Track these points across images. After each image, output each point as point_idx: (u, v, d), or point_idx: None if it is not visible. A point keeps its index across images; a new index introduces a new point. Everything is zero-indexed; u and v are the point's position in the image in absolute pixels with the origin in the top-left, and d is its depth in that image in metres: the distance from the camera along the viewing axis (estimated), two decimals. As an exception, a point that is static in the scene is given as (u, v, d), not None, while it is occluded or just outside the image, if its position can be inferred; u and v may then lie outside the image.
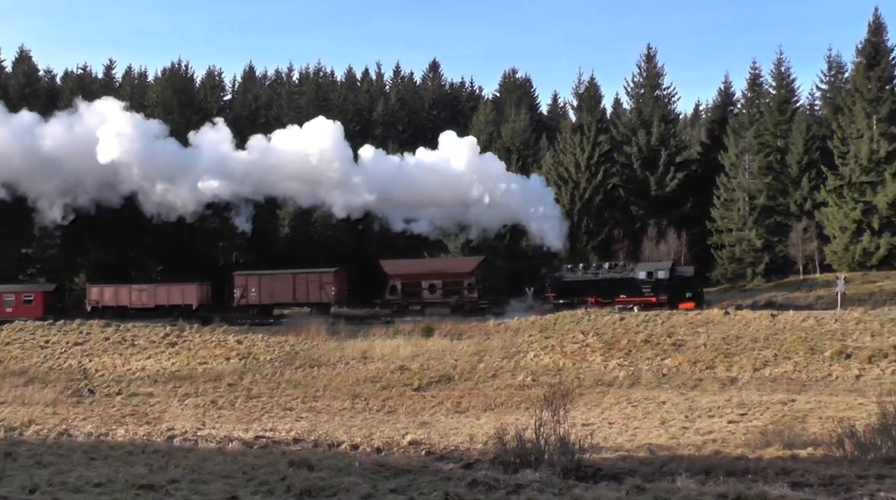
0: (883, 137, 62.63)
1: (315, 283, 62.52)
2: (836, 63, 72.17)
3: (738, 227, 65.18)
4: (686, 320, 47.74)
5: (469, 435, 27.28)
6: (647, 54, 77.35)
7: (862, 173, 62.10)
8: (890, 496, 13.44)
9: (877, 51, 65.54)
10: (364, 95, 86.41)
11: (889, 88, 65.12)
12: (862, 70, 65.56)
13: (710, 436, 26.24)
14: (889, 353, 37.81)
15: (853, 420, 22.18)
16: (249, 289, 63.41)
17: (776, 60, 72.05)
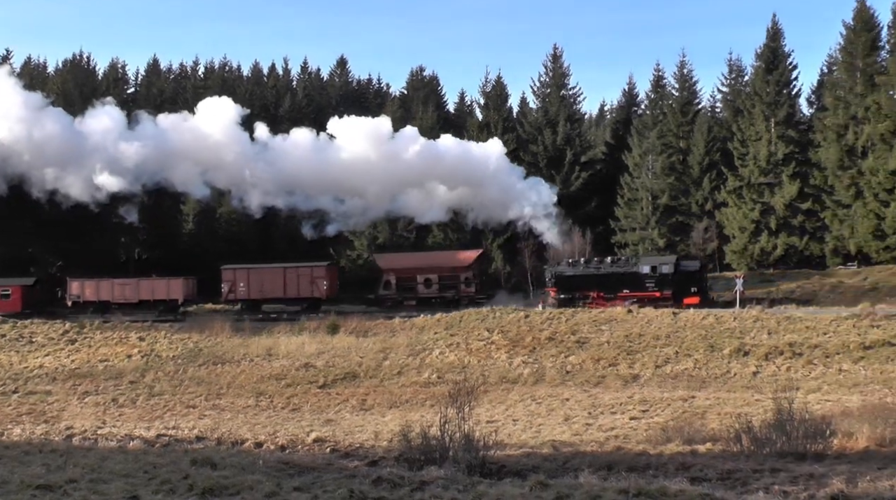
0: (780, 140, 64.16)
1: (306, 277, 61.11)
2: (736, 66, 73.71)
3: (642, 226, 66.10)
4: (590, 317, 48.28)
5: (374, 433, 27.25)
6: (554, 54, 78.11)
7: (760, 175, 63.50)
8: (783, 489, 13.76)
9: (775, 55, 67.08)
10: (271, 91, 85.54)
11: (786, 91, 66.72)
12: (761, 74, 67.04)
13: (613, 432, 26.58)
14: (784, 350, 38.70)
15: (750, 416, 22.64)
16: (238, 283, 61.91)
17: (679, 63, 73.25)
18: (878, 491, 12.89)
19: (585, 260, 57.33)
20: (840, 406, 28.04)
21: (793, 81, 67.92)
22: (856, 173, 61.02)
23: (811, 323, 42.27)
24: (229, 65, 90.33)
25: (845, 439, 21.17)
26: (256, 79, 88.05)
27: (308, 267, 61.69)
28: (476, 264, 61.38)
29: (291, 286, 61.07)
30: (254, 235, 71.31)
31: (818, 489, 13.59)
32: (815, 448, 19.46)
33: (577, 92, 78.73)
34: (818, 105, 69.06)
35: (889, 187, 59.62)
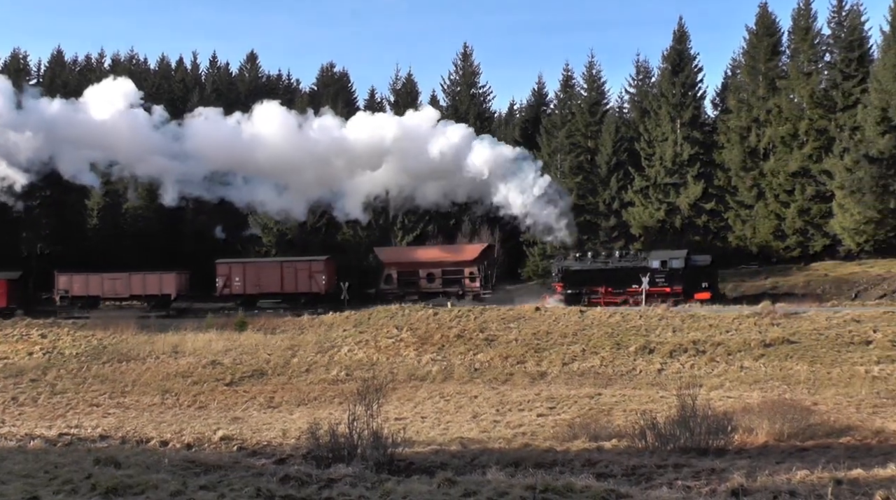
0: (686, 141, 65.35)
1: (304, 271, 60.15)
2: (643, 68, 74.55)
3: (550, 224, 66.71)
4: (498, 315, 48.57)
5: (282, 430, 27.10)
6: (464, 52, 78.49)
7: (666, 175, 64.55)
8: (686, 484, 14.01)
9: (681, 58, 68.26)
10: (178, 85, 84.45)
11: (692, 93, 67.95)
12: (667, 76, 68.18)
13: (520, 429, 26.75)
14: (688, 348, 39.38)
15: (655, 413, 23.00)
16: (233, 278, 60.78)
17: (588, 63, 74.08)
18: (776, 485, 13.20)
19: (593, 254, 56.27)
20: (741, 403, 28.62)
21: (698, 84, 69.20)
22: (757, 175, 62.50)
23: (714, 321, 43.08)
24: (136, 57, 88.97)
25: (746, 434, 21.66)
26: (164, 72, 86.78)
27: (306, 261, 60.92)
28: (481, 258, 60.09)
29: (289, 281, 60.04)
30: (161, 232, 70.23)
31: (719, 483, 13.86)
32: (717, 444, 19.87)
33: (486, 90, 79.23)
34: (722, 107, 70.38)
35: (789, 189, 61.19)
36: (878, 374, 33.41)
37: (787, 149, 62.15)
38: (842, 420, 25.01)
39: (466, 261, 59.55)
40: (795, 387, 32.77)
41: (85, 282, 61.43)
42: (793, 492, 12.47)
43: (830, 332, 39.09)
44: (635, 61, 77.31)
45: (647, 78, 73.68)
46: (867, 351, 36.30)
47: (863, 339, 37.67)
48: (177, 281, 61.27)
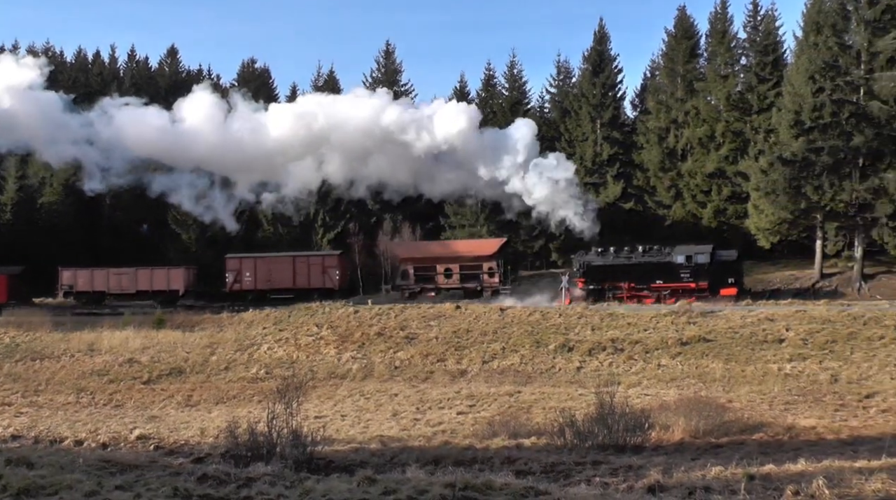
0: (605, 141, 66.11)
1: (317, 266, 59.04)
2: (564, 68, 75.00)
3: (471, 223, 66.72)
4: (419, 313, 48.59)
5: (200, 429, 26.87)
6: (386, 50, 78.19)
7: (587, 174, 65.06)
8: (604, 481, 14.17)
9: (601, 58, 68.99)
10: (96, 78, 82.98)
11: (612, 94, 68.72)
12: (588, 76, 68.85)
13: (440, 427, 26.84)
14: (607, 346, 39.80)
15: (573, 410, 23.20)
16: (244, 273, 59.47)
17: (509, 62, 74.50)
18: (691, 481, 13.42)
19: (615, 249, 54.18)
20: (658, 400, 29.03)
21: (618, 85, 70.02)
22: (675, 175, 63.38)
23: (633, 320, 43.57)
24: (52, 50, 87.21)
25: (662, 431, 21.99)
26: (81, 65, 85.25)
27: (319, 256, 60.14)
28: (499, 254, 58.46)
29: (301, 276, 59.00)
30: (77, 227, 68.91)
31: (636, 480, 14.04)
32: (635, 441, 20.15)
33: (408, 89, 79.00)
34: (641, 108, 71.29)
35: (706, 189, 62.16)
36: (790, 371, 34.14)
37: (704, 150, 63.14)
38: (755, 417, 25.51)
39: (485, 256, 58.11)
40: (711, 385, 33.32)
41: (90, 277, 60.34)
42: (707, 488, 12.68)
43: (745, 330, 39.77)
44: (556, 61, 78.12)
45: (568, 78, 74.19)
46: (780, 349, 37.03)
47: (776, 337, 38.40)
48: (185, 276, 60.28)
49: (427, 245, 61.69)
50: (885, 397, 29.13)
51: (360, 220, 68.17)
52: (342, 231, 67.51)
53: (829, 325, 38.99)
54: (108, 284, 60.31)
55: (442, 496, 11.75)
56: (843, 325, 38.74)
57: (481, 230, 65.23)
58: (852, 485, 11.82)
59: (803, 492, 11.58)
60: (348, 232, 66.69)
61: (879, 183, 52.77)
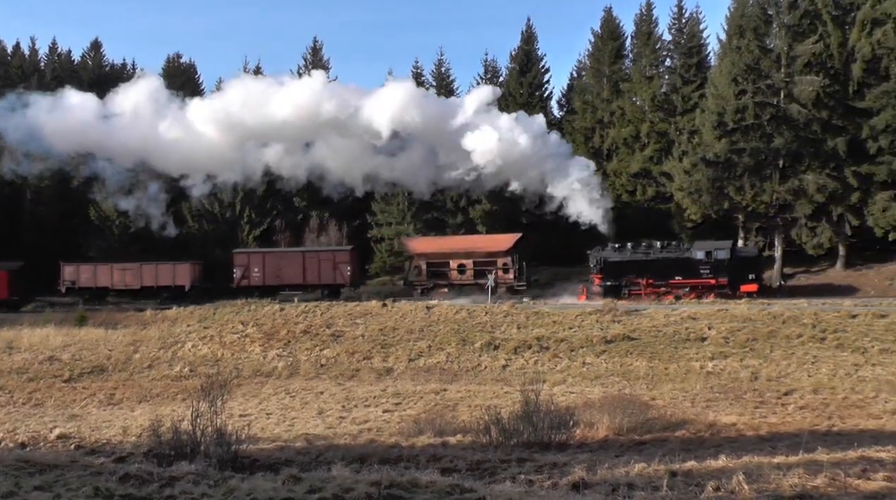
0: (533, 141, 66.41)
1: (328, 262, 57.75)
2: (492, 67, 75.35)
3: (398, 221, 66.73)
4: (345, 311, 48.48)
5: (122, 428, 26.54)
6: (314, 47, 77.86)
7: (513, 173, 65.42)
8: (529, 479, 14.25)
9: (528, 58, 69.54)
10: (16, 71, 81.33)
11: (539, 94, 69.31)
12: (515, 76, 69.35)
13: (366, 425, 26.81)
14: (532, 344, 40.03)
15: (499, 408, 23.28)
16: (252, 268, 58.17)
17: (437, 61, 74.66)
18: (615, 477, 13.55)
19: (633, 245, 53.39)
20: (583, 398, 29.25)
21: (545, 84, 70.75)
22: (601, 175, 63.92)
23: (558, 318, 43.88)
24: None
25: (587, 429, 22.18)
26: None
27: (330, 251, 58.97)
28: (514, 249, 56.89)
29: (312, 272, 57.86)
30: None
31: (561, 477, 14.13)
32: (560, 438, 20.29)
33: (337, 86, 78.63)
34: (568, 108, 71.94)
35: (631, 189, 62.88)
36: (712, 369, 34.65)
37: (629, 150, 63.96)
38: (678, 414, 25.85)
39: (500, 251, 56.81)
40: (635, 382, 33.70)
41: (92, 272, 59.41)
42: (631, 485, 12.81)
43: (668, 329, 40.29)
44: (483, 61, 78.28)
45: (496, 77, 74.47)
46: (702, 347, 37.57)
47: (698, 336, 38.96)
48: (191, 272, 59.43)
49: (441, 240, 60.26)
50: (803, 395, 29.73)
51: (287, 217, 67.86)
52: (268, 228, 67.15)
53: (750, 323, 39.65)
54: (112, 279, 59.45)
55: (367, 495, 11.73)
56: (763, 324, 39.43)
57: (408, 228, 65.19)
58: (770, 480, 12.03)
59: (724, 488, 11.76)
60: (275, 229, 66.36)
61: (798, 184, 53.96)
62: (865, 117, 53.37)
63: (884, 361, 33.45)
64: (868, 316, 38.77)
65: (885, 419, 25.27)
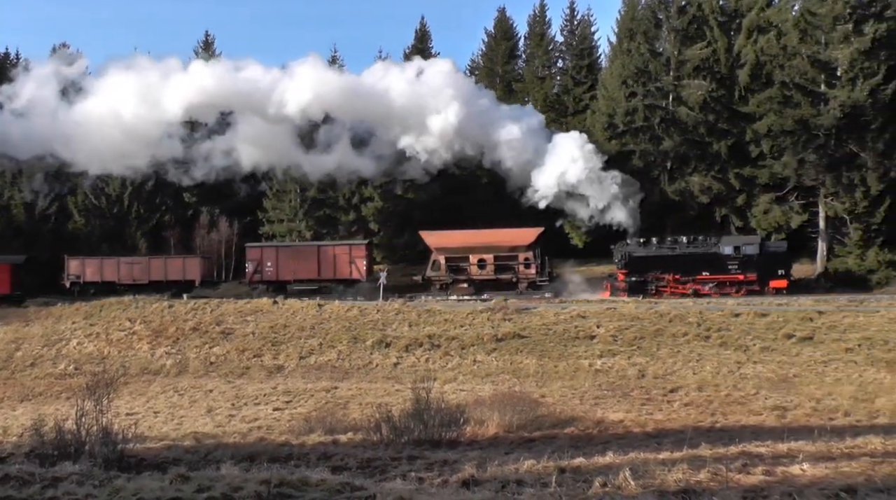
0: (426, 139, 66.49)
1: (344, 257, 55.94)
2: (385, 65, 75.18)
3: (290, 218, 66.23)
4: (235, 308, 47.92)
5: (3, 428, 25.92)
6: (206, 41, 76.92)
7: (408, 171, 65.48)
8: (419, 476, 14.31)
9: (422, 57, 69.42)
10: None
11: (433, 92, 69.25)
12: (409, 74, 69.19)
13: (256, 423, 26.64)
14: (424, 342, 40.13)
15: (390, 406, 23.36)
16: (265, 263, 56.21)
17: (330, 58, 74.25)
18: (505, 474, 13.67)
19: (658, 240, 52.03)
20: (473, 396, 29.48)
21: (438, 83, 70.59)
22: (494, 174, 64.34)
23: (449, 316, 44.02)
24: None
25: (477, 426, 22.36)
26: None
27: (346, 246, 57.34)
28: (536, 244, 55.03)
29: (326, 267, 56.20)
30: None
31: (451, 474, 14.21)
32: (450, 436, 20.42)
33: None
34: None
35: (524, 189, 63.38)
36: (601, 367, 35.19)
37: (521, 150, 64.40)
38: (567, 412, 26.23)
39: (521, 246, 55.01)
40: (525, 380, 34.04)
41: (99, 266, 57.90)
42: (520, 481, 12.94)
43: (558, 327, 40.74)
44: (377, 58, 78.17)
45: (389, 75, 74.32)
46: (591, 346, 38.10)
47: (587, 334, 39.47)
48: (201, 266, 58.07)
49: (460, 234, 57.78)
50: (688, 392, 30.41)
51: (176, 213, 66.86)
52: (157, 224, 66.07)
53: (638, 322, 40.33)
54: (119, 274, 58.09)
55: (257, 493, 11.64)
56: (650, 322, 40.14)
57: (300, 225, 64.76)
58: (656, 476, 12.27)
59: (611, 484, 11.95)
60: (164, 225, 65.32)
61: (685, 186, 55.12)
62: (749, 121, 54.80)
63: (764, 358, 34.39)
64: (750, 315, 39.74)
65: (764, 415, 26.05)
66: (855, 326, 37.25)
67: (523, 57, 69.49)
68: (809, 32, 53.62)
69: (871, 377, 31.24)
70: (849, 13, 51.74)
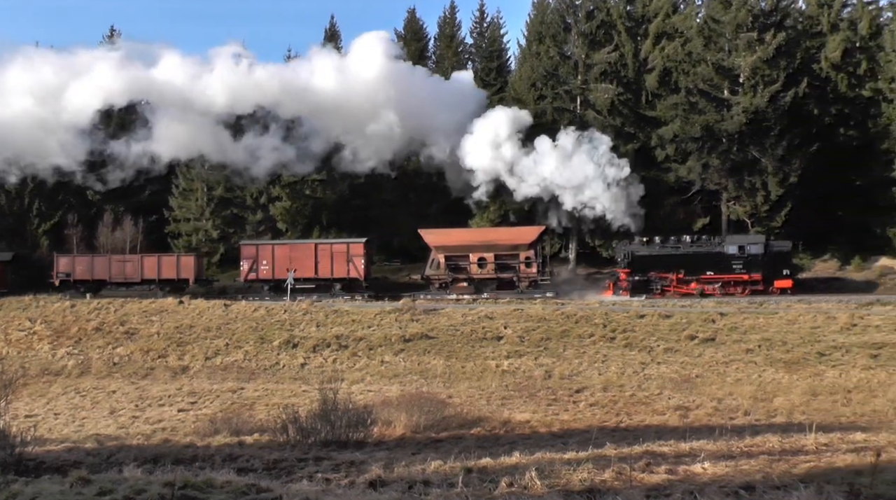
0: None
1: (342, 255, 54.12)
2: (295, 63, 74.70)
3: (196, 217, 65.46)
4: (140, 308, 47.27)
5: None
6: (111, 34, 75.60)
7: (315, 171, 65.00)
8: (326, 477, 14.25)
9: (333, 56, 69.23)
10: None
11: (342, 92, 68.99)
12: (319, 73, 68.85)
13: (160, 425, 26.30)
14: (331, 342, 40.01)
15: (297, 407, 23.23)
16: (260, 261, 54.47)
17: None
18: (411, 475, 13.68)
19: (661, 239, 51.26)
20: (381, 396, 29.49)
21: (349, 83, 70.36)
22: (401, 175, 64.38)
23: (357, 316, 43.97)
24: None
25: (385, 427, 22.36)
26: None
27: (344, 243, 55.47)
28: (538, 242, 54.68)
29: (324, 265, 54.49)
30: None
31: (358, 475, 14.18)
32: (357, 437, 20.39)
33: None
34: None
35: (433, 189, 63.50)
36: (507, 368, 35.42)
37: (431, 151, 64.53)
38: (474, 412, 26.38)
39: (522, 244, 53.97)
40: (432, 381, 34.14)
41: (89, 264, 55.99)
42: (427, 482, 12.96)
43: (466, 328, 40.93)
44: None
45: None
46: (498, 346, 38.35)
47: (495, 334, 39.73)
48: (196, 264, 56.30)
49: (460, 232, 56.95)
50: (593, 392, 30.80)
51: (79, 211, 65.55)
52: (59, 222, 64.73)
53: (545, 323, 40.72)
54: (111, 271, 56.28)
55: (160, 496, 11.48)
56: (557, 323, 40.57)
57: (206, 224, 64.03)
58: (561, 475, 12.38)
59: (517, 484, 12.03)
60: (66, 223, 64.01)
61: (591, 190, 55.75)
62: (655, 126, 55.75)
63: (668, 359, 35.00)
64: (654, 316, 40.43)
65: (668, 414, 26.50)
66: (755, 327, 38.15)
67: (433, 58, 69.65)
68: (713, 40, 54.82)
69: (769, 377, 32.00)
70: (751, 22, 53.02)
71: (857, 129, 55.75)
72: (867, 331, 36.67)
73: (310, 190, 63.82)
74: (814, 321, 38.46)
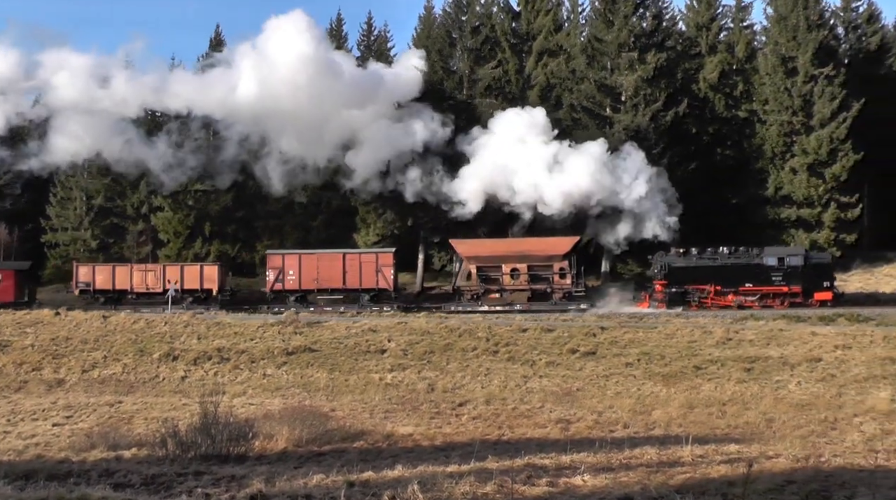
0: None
1: (371, 264, 52.38)
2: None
3: (74, 226, 64.07)
4: (13, 319, 45.98)
5: None
6: None
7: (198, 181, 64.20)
8: (206, 492, 14.08)
9: (214, 65, 68.58)
10: None
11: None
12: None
13: (34, 440, 25.55)
14: (213, 355, 39.46)
15: (177, 420, 22.86)
16: (287, 271, 52.25)
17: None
18: (293, 489, 13.61)
19: (698, 250, 50.38)
20: (263, 409, 29.16)
21: (236, 91, 69.69)
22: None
23: (239, 329, 43.48)
24: None
25: (266, 440, 22.15)
26: None
27: (373, 253, 53.98)
28: (572, 253, 53.11)
29: (353, 275, 52.81)
30: None
31: (239, 489, 14.06)
32: (238, 450, 20.18)
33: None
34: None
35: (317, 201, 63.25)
36: (391, 381, 35.41)
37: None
38: (357, 425, 26.28)
39: (556, 256, 52.91)
40: (315, 394, 33.93)
41: (110, 274, 53.72)
42: (309, 495, 12.92)
43: (349, 341, 40.80)
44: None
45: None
46: (382, 360, 38.31)
47: (378, 348, 39.68)
48: (220, 274, 54.16)
49: (492, 243, 55.81)
50: (476, 405, 30.96)
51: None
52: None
53: (428, 336, 40.83)
54: (132, 282, 54.01)
55: (33, 513, 11.22)
56: (440, 337, 40.70)
57: (85, 234, 62.69)
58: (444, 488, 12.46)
59: (399, 497, 12.06)
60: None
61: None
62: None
63: (549, 373, 35.39)
64: (537, 330, 40.84)
65: (549, 427, 26.79)
66: (634, 341, 38.85)
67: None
68: (596, 58, 55.96)
69: (648, 390, 32.62)
70: (633, 41, 54.24)
71: (734, 148, 57.62)
72: (741, 345, 37.71)
73: (192, 200, 62.95)
74: (691, 335, 39.34)
